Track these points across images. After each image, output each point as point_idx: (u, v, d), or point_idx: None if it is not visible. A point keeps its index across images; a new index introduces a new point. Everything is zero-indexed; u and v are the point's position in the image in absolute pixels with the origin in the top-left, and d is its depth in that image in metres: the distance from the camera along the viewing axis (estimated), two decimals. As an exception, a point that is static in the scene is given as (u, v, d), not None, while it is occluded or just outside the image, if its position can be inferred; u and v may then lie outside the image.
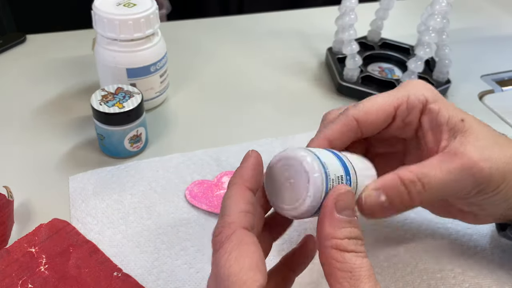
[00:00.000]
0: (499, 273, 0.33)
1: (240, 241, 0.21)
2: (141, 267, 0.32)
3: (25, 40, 0.58)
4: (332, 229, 0.21)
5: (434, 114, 0.27)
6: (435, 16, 0.48)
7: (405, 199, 0.24)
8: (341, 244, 0.21)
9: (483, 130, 0.27)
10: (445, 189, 0.25)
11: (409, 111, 0.28)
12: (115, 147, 0.40)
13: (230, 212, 0.22)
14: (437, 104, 0.27)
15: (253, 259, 0.20)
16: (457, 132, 0.26)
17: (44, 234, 0.33)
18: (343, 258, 0.21)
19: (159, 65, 0.45)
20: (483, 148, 0.25)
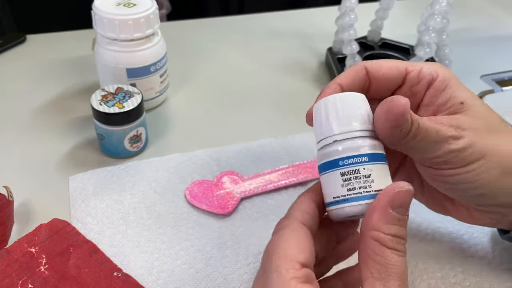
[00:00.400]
0: (500, 271, 0.33)
1: (294, 229, 0.23)
2: (141, 267, 0.32)
3: (25, 40, 0.58)
4: (381, 224, 0.22)
5: (438, 91, 0.28)
6: (435, 16, 0.48)
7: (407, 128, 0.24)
8: (384, 238, 0.21)
9: (480, 114, 0.27)
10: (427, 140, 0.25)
11: (419, 80, 0.28)
12: (115, 147, 0.40)
13: (293, 210, 0.25)
14: (445, 82, 0.28)
15: (301, 242, 0.23)
16: (453, 113, 0.27)
17: (44, 234, 0.33)
18: (382, 252, 0.21)
19: (159, 65, 0.45)
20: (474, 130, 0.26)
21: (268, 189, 0.39)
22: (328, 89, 0.27)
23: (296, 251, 0.22)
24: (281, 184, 0.39)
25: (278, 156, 0.42)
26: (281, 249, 0.23)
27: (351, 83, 0.28)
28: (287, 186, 0.39)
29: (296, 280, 0.21)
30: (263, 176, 0.40)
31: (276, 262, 0.22)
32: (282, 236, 0.23)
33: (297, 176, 0.40)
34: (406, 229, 0.22)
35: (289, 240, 0.23)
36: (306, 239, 0.23)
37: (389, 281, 0.21)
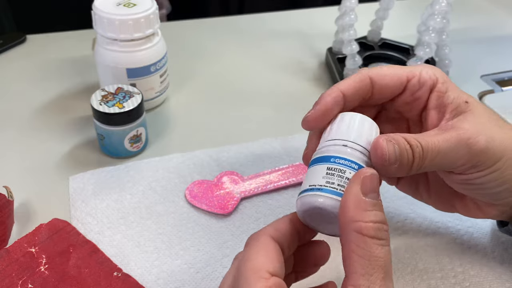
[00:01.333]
0: (500, 271, 0.33)
1: (265, 243, 0.23)
2: (141, 267, 0.32)
3: (25, 40, 0.58)
4: (357, 212, 0.21)
5: (441, 93, 0.28)
6: (435, 16, 0.48)
7: (410, 159, 0.25)
8: (365, 227, 0.21)
9: (486, 112, 0.27)
10: (442, 157, 0.25)
11: (420, 86, 0.28)
12: (115, 147, 0.40)
13: (267, 226, 0.25)
14: (446, 84, 0.28)
15: (269, 254, 0.23)
16: (459, 112, 0.27)
17: (44, 234, 0.33)
18: (365, 244, 0.21)
19: (159, 65, 0.45)
20: (482, 125, 0.26)
21: (268, 189, 0.39)
22: (329, 96, 0.27)
23: (264, 261, 0.22)
24: (281, 184, 0.39)
25: (278, 156, 0.42)
26: (250, 261, 0.23)
27: (354, 93, 0.28)
28: (287, 186, 0.39)
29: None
30: (263, 176, 0.40)
31: (246, 274, 0.22)
32: (251, 249, 0.23)
33: (297, 176, 0.40)
34: (384, 214, 0.22)
35: (258, 252, 0.23)
36: (275, 252, 0.23)
37: (372, 274, 0.20)
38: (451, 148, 0.25)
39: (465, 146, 0.25)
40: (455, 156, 0.26)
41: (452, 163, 0.26)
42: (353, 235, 0.21)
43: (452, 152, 0.25)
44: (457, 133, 0.26)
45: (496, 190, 0.27)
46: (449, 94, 0.28)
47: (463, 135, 0.25)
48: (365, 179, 0.22)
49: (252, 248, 0.24)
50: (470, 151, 0.25)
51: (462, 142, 0.25)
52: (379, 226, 0.21)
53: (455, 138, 0.25)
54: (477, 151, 0.25)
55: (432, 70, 0.29)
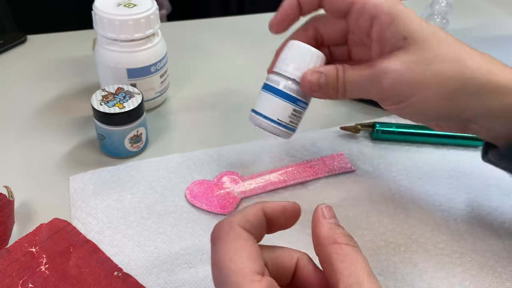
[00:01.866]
0: (499, 271, 0.33)
1: (239, 236, 0.23)
2: (141, 266, 0.33)
3: (26, 40, 0.58)
4: (329, 230, 0.24)
5: (383, 25, 0.29)
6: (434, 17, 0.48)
7: (335, 88, 0.31)
8: (338, 238, 0.24)
9: (423, 51, 0.28)
10: (359, 89, 0.30)
11: (361, 13, 0.30)
12: (115, 147, 0.40)
13: (234, 214, 0.24)
14: (391, 16, 0.28)
15: (251, 251, 0.22)
16: (395, 49, 0.29)
17: (44, 234, 0.33)
18: (342, 250, 0.23)
19: (160, 65, 0.45)
20: (407, 64, 0.28)
21: (268, 189, 0.39)
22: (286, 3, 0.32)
23: (249, 262, 0.22)
24: (281, 184, 0.39)
25: (278, 156, 0.42)
26: (233, 263, 0.22)
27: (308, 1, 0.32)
28: (287, 186, 0.39)
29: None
30: (263, 176, 0.40)
31: (234, 278, 0.21)
32: (228, 248, 0.22)
33: (297, 176, 0.40)
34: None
35: (238, 251, 0.22)
36: (255, 248, 0.23)
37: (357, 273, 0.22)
38: (365, 83, 0.30)
39: (374, 82, 0.29)
40: (369, 89, 0.30)
41: (368, 94, 0.30)
42: (330, 247, 0.23)
43: (366, 86, 0.30)
44: (370, 72, 0.29)
45: (420, 120, 0.30)
46: (391, 27, 0.28)
47: (375, 72, 0.29)
48: (324, 209, 0.25)
49: (229, 246, 0.22)
50: (379, 87, 0.29)
51: (373, 78, 0.29)
52: (347, 234, 0.24)
53: (368, 74, 0.29)
54: (383, 88, 0.29)
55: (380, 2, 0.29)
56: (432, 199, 0.39)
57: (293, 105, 0.32)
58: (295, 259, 0.25)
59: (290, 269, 0.25)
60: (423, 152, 0.44)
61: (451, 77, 0.28)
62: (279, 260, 0.25)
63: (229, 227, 0.23)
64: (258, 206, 0.25)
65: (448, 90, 0.28)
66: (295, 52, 0.32)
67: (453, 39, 0.29)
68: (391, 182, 0.40)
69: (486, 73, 0.28)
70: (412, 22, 0.28)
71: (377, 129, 0.44)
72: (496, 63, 0.29)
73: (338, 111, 0.49)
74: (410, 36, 0.28)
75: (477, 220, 0.37)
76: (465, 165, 0.42)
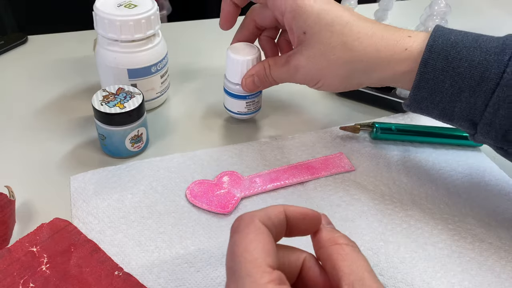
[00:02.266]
0: (498, 271, 0.34)
1: (258, 229, 0.23)
2: (142, 266, 0.33)
3: (27, 40, 0.58)
4: (329, 233, 0.25)
5: (288, 21, 0.36)
6: (434, 17, 0.48)
7: (267, 82, 0.40)
8: (338, 239, 0.25)
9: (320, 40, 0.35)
10: (284, 80, 0.40)
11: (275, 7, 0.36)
12: (116, 147, 0.40)
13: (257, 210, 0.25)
14: (292, 13, 0.35)
15: (267, 245, 0.23)
16: (300, 42, 0.36)
17: (45, 234, 0.33)
18: (343, 250, 0.24)
19: (160, 66, 0.45)
20: (310, 57, 0.36)
21: (268, 189, 0.39)
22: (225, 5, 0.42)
23: (263, 255, 0.22)
24: (281, 184, 0.39)
25: (278, 156, 0.42)
26: (248, 253, 0.22)
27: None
28: (286, 186, 0.39)
29: (273, 283, 0.21)
30: (263, 176, 0.40)
31: (246, 267, 0.22)
32: (245, 239, 0.23)
33: (296, 176, 0.40)
34: None
35: (255, 243, 0.22)
36: (271, 242, 0.23)
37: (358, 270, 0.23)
38: (285, 76, 0.39)
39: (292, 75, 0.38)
40: (290, 79, 0.39)
41: (291, 81, 0.39)
42: (332, 248, 0.24)
43: (286, 78, 0.39)
44: (287, 68, 0.38)
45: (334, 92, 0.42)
46: (294, 23, 0.35)
47: (290, 68, 0.37)
48: (324, 217, 0.27)
49: (247, 236, 0.23)
50: (295, 78, 0.38)
51: (289, 72, 0.38)
52: (346, 237, 0.25)
53: (285, 70, 0.38)
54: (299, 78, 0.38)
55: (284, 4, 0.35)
56: (432, 199, 0.39)
57: (244, 100, 0.43)
58: (301, 259, 0.25)
59: (296, 269, 0.25)
60: (422, 152, 0.44)
61: (343, 63, 0.35)
62: (286, 258, 0.25)
63: (250, 220, 0.24)
64: (280, 207, 0.25)
65: (344, 72, 0.36)
66: (231, 64, 0.41)
67: (344, 25, 0.34)
68: (391, 182, 0.41)
69: (373, 53, 0.34)
70: (309, 18, 0.34)
71: (377, 129, 0.44)
72: (384, 38, 0.34)
73: (338, 111, 0.50)
74: (308, 31, 0.35)
75: (476, 220, 0.37)
76: (465, 165, 0.43)
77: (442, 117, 0.34)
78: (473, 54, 0.31)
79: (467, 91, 0.32)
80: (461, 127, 0.34)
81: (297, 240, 0.27)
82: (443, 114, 0.34)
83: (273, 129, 0.46)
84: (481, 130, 0.33)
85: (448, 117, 0.34)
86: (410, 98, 0.34)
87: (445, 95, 0.33)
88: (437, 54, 0.32)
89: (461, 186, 0.40)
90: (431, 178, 0.41)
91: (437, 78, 0.32)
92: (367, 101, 0.50)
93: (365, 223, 0.37)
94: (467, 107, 0.32)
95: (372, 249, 0.35)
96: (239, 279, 0.22)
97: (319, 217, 0.26)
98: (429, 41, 0.32)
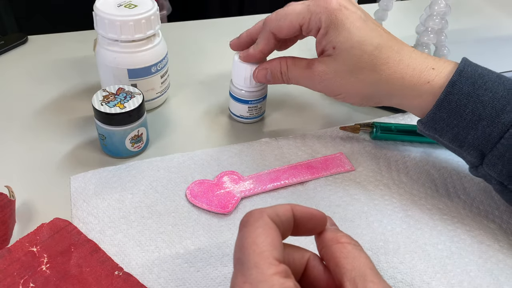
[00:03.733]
0: (497, 272, 0.34)
1: (266, 224, 0.24)
2: (142, 266, 0.33)
3: (27, 40, 0.58)
4: (332, 233, 0.26)
5: (321, 36, 0.36)
6: (433, 17, 0.48)
7: (280, 80, 0.41)
8: (340, 238, 0.25)
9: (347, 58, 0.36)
10: (301, 83, 0.40)
11: (309, 30, 0.37)
12: (116, 147, 0.41)
13: (267, 207, 0.25)
14: (326, 29, 0.36)
15: (274, 240, 0.23)
16: (326, 55, 0.37)
17: (45, 234, 0.33)
18: (346, 248, 0.25)
19: (160, 66, 0.45)
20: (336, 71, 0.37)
21: (268, 189, 0.39)
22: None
23: (271, 248, 0.23)
24: (281, 184, 0.39)
25: (278, 156, 0.43)
26: (256, 245, 0.23)
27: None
28: (286, 186, 0.39)
29: (279, 275, 0.22)
30: (263, 176, 0.40)
31: (254, 258, 0.22)
32: (254, 232, 0.23)
33: (296, 176, 0.40)
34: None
35: (263, 236, 0.23)
36: (278, 237, 0.24)
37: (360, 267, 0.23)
38: (305, 81, 0.39)
39: (312, 82, 0.39)
40: (308, 85, 0.40)
41: (308, 87, 0.40)
42: (335, 247, 0.25)
43: (306, 82, 0.39)
44: (309, 74, 0.38)
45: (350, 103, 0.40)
46: (325, 38, 0.36)
47: (312, 74, 0.38)
48: (328, 218, 0.27)
49: (256, 230, 0.23)
50: (316, 86, 0.39)
51: (311, 78, 0.38)
52: (349, 236, 0.26)
53: (307, 75, 0.38)
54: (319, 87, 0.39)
55: (319, 16, 0.36)
56: (431, 199, 0.39)
57: (247, 105, 0.45)
58: (306, 258, 0.26)
59: (301, 267, 0.26)
60: (422, 152, 0.44)
61: (369, 83, 0.36)
62: (291, 256, 0.26)
63: (259, 215, 0.24)
64: (288, 205, 0.26)
65: (367, 92, 0.37)
66: (237, 68, 0.43)
67: (375, 47, 0.35)
68: (390, 182, 0.41)
69: (398, 80, 0.35)
70: (340, 34, 0.35)
71: (377, 129, 0.44)
72: (410, 67, 0.35)
73: (338, 111, 0.50)
74: (338, 46, 0.36)
75: (476, 221, 0.37)
76: (464, 165, 0.43)
77: (453, 141, 0.35)
78: (497, 88, 0.33)
79: (485, 120, 0.33)
80: (467, 156, 0.35)
81: (302, 241, 0.27)
82: (455, 139, 0.34)
83: (273, 129, 0.46)
84: (488, 162, 0.34)
85: (459, 143, 0.34)
86: (428, 116, 0.35)
87: (463, 120, 0.33)
88: (466, 79, 0.33)
89: (461, 187, 0.41)
90: (431, 178, 0.41)
91: (461, 101, 0.33)
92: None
93: (365, 223, 0.37)
94: (481, 136, 0.33)
95: (372, 249, 0.35)
96: (247, 270, 0.22)
97: (325, 218, 0.26)
98: (460, 66, 0.34)
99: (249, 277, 0.22)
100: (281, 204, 0.26)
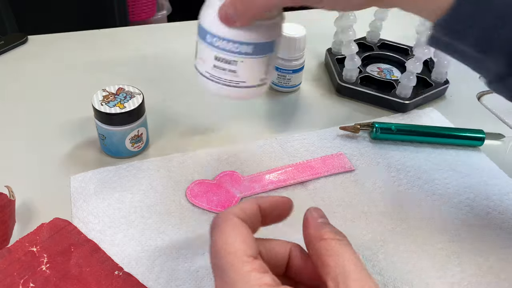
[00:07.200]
0: (497, 271, 0.34)
1: (234, 223, 0.24)
2: (142, 265, 0.33)
3: (27, 41, 0.58)
4: (316, 229, 0.25)
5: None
6: (434, 17, 0.48)
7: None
8: (324, 234, 0.24)
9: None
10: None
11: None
12: (116, 147, 0.40)
13: (231, 207, 0.26)
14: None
15: (245, 237, 0.23)
16: None
17: (45, 234, 0.33)
18: (329, 245, 0.24)
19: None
20: None
21: (268, 189, 0.39)
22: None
23: (243, 246, 0.23)
24: (281, 183, 0.39)
25: (278, 156, 0.43)
26: (228, 245, 0.23)
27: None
28: (286, 186, 0.39)
29: (256, 271, 0.22)
30: (263, 176, 0.40)
31: (228, 259, 0.22)
32: (224, 233, 0.23)
33: (297, 176, 0.40)
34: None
35: (233, 236, 0.23)
36: (249, 235, 0.24)
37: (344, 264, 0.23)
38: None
39: None
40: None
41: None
42: (319, 244, 0.24)
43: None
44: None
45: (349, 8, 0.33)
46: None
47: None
48: (315, 210, 0.26)
49: (225, 231, 0.23)
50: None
51: None
52: (335, 230, 0.25)
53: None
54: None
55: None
56: (431, 199, 0.39)
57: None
58: (288, 249, 0.26)
59: (283, 259, 0.26)
60: (421, 152, 0.44)
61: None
62: (273, 250, 0.26)
63: (226, 217, 0.24)
64: (253, 200, 0.26)
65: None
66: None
67: None
68: (390, 182, 0.41)
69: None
70: None
71: (376, 129, 0.44)
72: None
73: (338, 111, 0.50)
74: None
75: (476, 220, 0.37)
76: (464, 165, 0.43)
77: (477, 45, 0.27)
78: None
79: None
80: (491, 65, 0.28)
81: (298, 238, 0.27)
82: (481, 41, 0.27)
83: (273, 129, 0.46)
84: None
85: (485, 46, 0.27)
86: (448, 13, 0.27)
87: (493, 12, 0.26)
88: None
89: (461, 186, 0.41)
90: (431, 178, 0.41)
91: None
92: (367, 101, 0.50)
93: (365, 223, 0.37)
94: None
95: (372, 249, 0.35)
96: (223, 272, 0.22)
97: (290, 202, 0.27)
98: None
99: (227, 279, 0.22)
100: (246, 201, 0.26)
